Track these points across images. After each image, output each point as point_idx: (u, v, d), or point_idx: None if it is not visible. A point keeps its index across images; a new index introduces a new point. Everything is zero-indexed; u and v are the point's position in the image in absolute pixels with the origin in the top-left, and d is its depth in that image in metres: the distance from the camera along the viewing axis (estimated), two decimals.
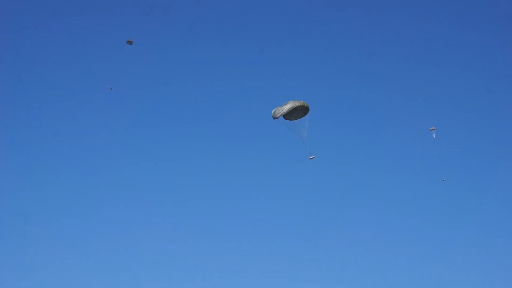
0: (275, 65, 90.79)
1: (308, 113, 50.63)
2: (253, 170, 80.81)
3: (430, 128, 60.48)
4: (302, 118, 50.72)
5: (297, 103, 49.90)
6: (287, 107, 49.64)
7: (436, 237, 74.15)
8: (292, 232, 74.22)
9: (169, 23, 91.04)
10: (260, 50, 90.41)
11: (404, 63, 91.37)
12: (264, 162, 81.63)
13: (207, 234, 73.50)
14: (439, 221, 75.97)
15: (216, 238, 73.08)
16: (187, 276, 68.98)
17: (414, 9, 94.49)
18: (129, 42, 57.31)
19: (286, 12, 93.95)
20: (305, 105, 50.11)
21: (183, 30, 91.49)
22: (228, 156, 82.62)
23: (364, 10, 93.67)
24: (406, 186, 79.67)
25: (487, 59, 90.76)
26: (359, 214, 74.91)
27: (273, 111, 50.09)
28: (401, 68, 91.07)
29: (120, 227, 73.02)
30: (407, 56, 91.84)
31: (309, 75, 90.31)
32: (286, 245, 72.69)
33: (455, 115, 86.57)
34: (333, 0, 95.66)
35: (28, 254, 68.41)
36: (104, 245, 70.60)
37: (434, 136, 60.17)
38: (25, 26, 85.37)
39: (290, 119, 50.55)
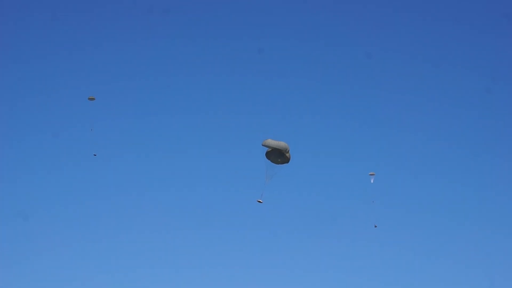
0: (274, 65, 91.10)
1: (284, 164, 50.92)
2: (252, 167, 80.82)
3: (370, 173, 60.39)
4: (277, 165, 50.93)
5: (287, 149, 50.15)
6: (281, 144, 49.85)
7: (436, 235, 74.50)
8: (290, 227, 74.69)
9: (168, 22, 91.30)
10: (259, 50, 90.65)
11: (403, 62, 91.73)
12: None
13: (203, 229, 73.97)
14: (439, 219, 76.36)
15: (212, 234, 73.47)
16: (183, 273, 69.36)
17: (414, 8, 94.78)
18: (91, 99, 57.81)
19: (285, 10, 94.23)
20: (288, 155, 50.39)
21: (182, 30, 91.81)
22: (225, 150, 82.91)
23: (363, 10, 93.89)
24: (404, 184, 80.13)
25: (487, 59, 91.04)
26: (358, 210, 74.91)
27: (266, 140, 50.16)
28: (401, 67, 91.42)
29: (115, 223, 73.23)
30: (406, 55, 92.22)
31: (308, 74, 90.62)
32: (283, 241, 73.10)
33: (455, 115, 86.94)
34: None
35: (24, 252, 68.64)
36: (100, 242, 70.89)
37: (372, 181, 60.30)
38: (26, 26, 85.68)
39: (269, 159, 50.77)
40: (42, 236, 69.75)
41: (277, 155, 50.36)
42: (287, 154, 50.23)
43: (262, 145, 49.66)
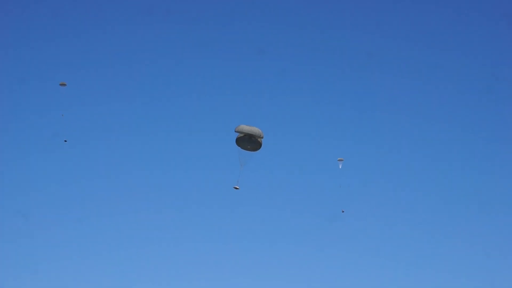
0: (275, 66, 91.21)
1: (255, 151, 49.73)
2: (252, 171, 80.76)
3: (338, 159, 59.78)
4: (249, 152, 49.75)
5: (261, 135, 48.89)
6: (254, 130, 48.46)
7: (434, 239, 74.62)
8: (289, 233, 74.71)
9: (169, 24, 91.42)
10: (259, 51, 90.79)
11: (403, 62, 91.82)
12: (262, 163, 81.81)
13: (203, 235, 74.04)
14: (436, 221, 76.51)
15: (213, 240, 73.50)
16: (183, 277, 69.47)
17: (414, 9, 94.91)
18: (62, 84, 57.68)
19: (285, 11, 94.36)
20: (260, 141, 49.20)
21: (183, 31, 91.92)
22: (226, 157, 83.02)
23: (364, 10, 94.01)
24: (403, 181, 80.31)
25: (487, 59, 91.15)
26: (356, 214, 74.92)
27: (239, 125, 48.80)
28: (401, 67, 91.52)
29: (118, 228, 73.23)
30: (406, 55, 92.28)
31: (308, 75, 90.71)
32: (284, 246, 73.10)
33: (453, 114, 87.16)
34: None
35: (27, 253, 68.68)
36: (103, 246, 70.93)
37: (340, 167, 59.68)
38: (27, 26, 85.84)
39: (239, 145, 49.50)
40: (40, 236, 69.96)
41: (247, 142, 49.01)
42: (259, 140, 48.79)
43: (235, 131, 48.33)
